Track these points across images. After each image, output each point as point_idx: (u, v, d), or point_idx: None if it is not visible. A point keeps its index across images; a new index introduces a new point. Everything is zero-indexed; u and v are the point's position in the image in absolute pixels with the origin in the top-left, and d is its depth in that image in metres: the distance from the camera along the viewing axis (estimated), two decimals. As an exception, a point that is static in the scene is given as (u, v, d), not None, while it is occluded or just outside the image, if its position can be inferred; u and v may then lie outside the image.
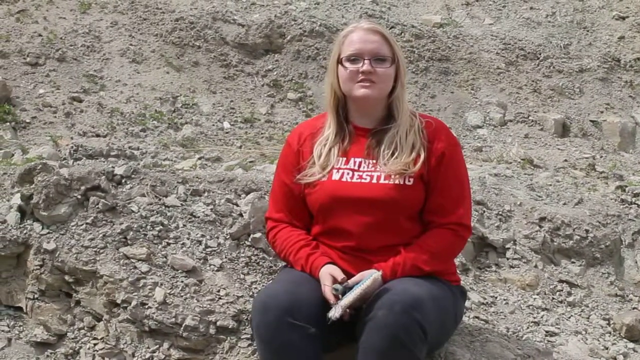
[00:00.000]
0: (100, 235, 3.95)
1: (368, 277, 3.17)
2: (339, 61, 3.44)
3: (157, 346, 3.69)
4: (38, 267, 3.94)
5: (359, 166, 3.40)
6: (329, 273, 3.26)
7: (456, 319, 3.49)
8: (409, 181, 3.33)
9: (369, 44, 3.40)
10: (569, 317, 4.31)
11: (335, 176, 3.39)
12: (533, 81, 8.92)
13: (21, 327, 3.96)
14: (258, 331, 3.17)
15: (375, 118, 3.47)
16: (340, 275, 3.22)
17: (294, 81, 8.18)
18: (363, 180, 3.36)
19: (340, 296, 3.16)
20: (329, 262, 3.33)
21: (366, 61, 3.37)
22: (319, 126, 3.53)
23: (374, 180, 3.34)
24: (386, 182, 3.33)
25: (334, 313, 3.11)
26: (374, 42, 3.41)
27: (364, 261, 3.32)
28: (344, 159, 3.43)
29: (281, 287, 3.25)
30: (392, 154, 3.35)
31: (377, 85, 3.38)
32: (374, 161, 3.39)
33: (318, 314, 3.14)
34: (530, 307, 4.29)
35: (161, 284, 3.77)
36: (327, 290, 3.21)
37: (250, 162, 5.98)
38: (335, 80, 3.46)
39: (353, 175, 3.39)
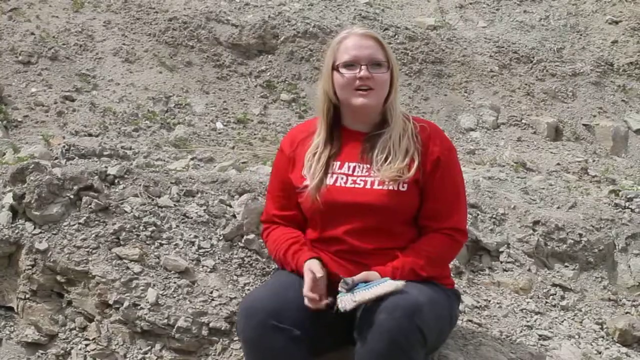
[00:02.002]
0: (93, 235, 3.94)
1: (385, 283, 3.11)
2: (334, 68, 3.42)
3: (149, 347, 3.68)
4: (30, 267, 3.92)
5: (353, 171, 3.40)
6: (308, 269, 3.23)
7: (452, 323, 3.48)
8: (403, 187, 3.33)
9: (364, 50, 3.38)
10: (562, 321, 4.31)
11: (329, 181, 3.38)
12: (526, 84, 8.92)
13: (12, 327, 3.95)
14: (243, 335, 3.16)
15: (370, 123, 3.47)
16: (318, 272, 3.20)
17: (287, 82, 8.15)
18: (357, 185, 3.35)
19: (345, 290, 3.13)
20: (314, 257, 3.31)
21: (363, 67, 3.35)
22: (312, 130, 3.52)
23: (368, 186, 3.34)
24: (380, 187, 3.32)
25: (345, 305, 3.09)
26: (370, 48, 3.40)
27: (358, 265, 3.30)
28: (338, 163, 3.42)
29: (267, 290, 3.25)
30: (386, 160, 3.34)
31: (374, 92, 3.37)
32: (368, 166, 3.38)
33: (304, 318, 3.13)
34: (524, 310, 4.29)
35: (154, 285, 3.76)
36: (307, 287, 3.19)
37: (243, 163, 5.96)
38: (329, 87, 3.45)
39: (347, 180, 3.38)
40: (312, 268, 3.22)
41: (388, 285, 3.11)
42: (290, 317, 3.11)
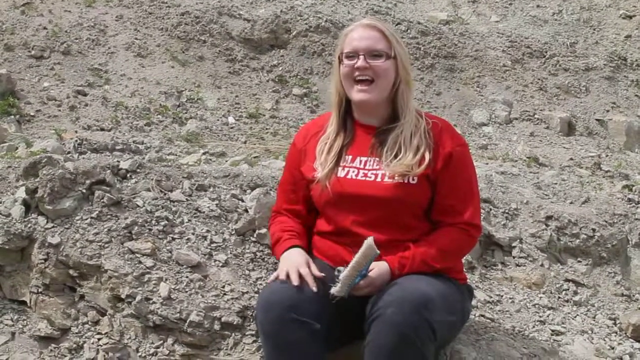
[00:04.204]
0: (105, 229, 3.93)
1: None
2: (340, 59, 3.44)
3: (162, 341, 3.67)
4: (42, 261, 3.92)
5: (365, 164, 3.40)
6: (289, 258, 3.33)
7: (463, 318, 3.47)
8: (413, 180, 3.32)
9: (364, 41, 3.39)
10: (575, 317, 4.29)
11: (341, 173, 3.39)
12: (539, 79, 8.90)
13: (25, 321, 3.95)
14: (262, 327, 3.16)
15: (380, 116, 3.46)
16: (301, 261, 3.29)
17: (299, 77, 8.16)
18: (368, 179, 3.36)
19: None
20: (297, 246, 3.39)
21: (361, 57, 3.37)
22: (324, 124, 3.54)
23: (379, 179, 3.34)
24: (390, 180, 3.32)
25: (336, 290, 3.12)
26: (370, 38, 3.40)
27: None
28: (350, 156, 3.43)
29: (285, 283, 3.24)
30: (395, 156, 3.34)
31: (375, 85, 3.37)
32: (378, 159, 3.38)
33: (322, 311, 3.13)
34: (536, 306, 4.27)
35: (166, 279, 3.75)
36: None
37: (255, 157, 5.96)
38: (337, 79, 3.47)
39: (358, 172, 3.38)
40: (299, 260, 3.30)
41: (362, 248, 3.14)
42: (309, 310, 3.11)
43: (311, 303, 3.12)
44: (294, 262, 3.28)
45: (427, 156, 3.33)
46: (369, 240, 3.14)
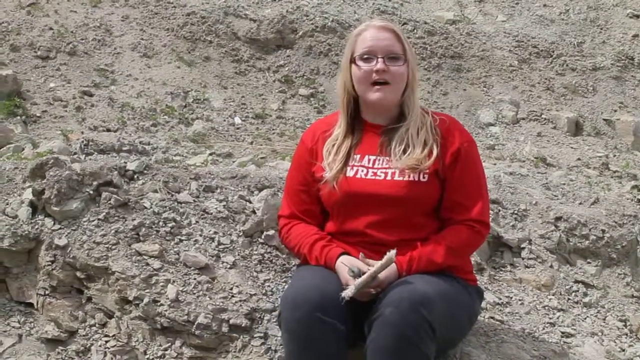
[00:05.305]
0: (112, 231, 3.92)
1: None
2: (352, 60, 3.42)
3: (169, 344, 3.66)
4: (49, 263, 3.91)
5: (373, 163, 3.40)
6: (344, 263, 3.25)
7: (470, 319, 3.45)
8: (424, 177, 3.32)
9: (381, 42, 3.39)
10: (585, 318, 4.27)
11: (350, 173, 3.39)
12: (546, 79, 8.87)
13: (32, 324, 3.93)
14: (288, 326, 3.15)
15: (389, 116, 3.47)
16: (356, 264, 3.21)
17: (305, 77, 8.14)
18: (377, 177, 3.36)
19: (355, 278, 3.14)
20: (344, 252, 3.32)
21: (380, 59, 3.36)
22: (333, 124, 3.53)
23: (388, 177, 3.34)
24: (400, 178, 3.32)
25: (347, 293, 3.11)
26: (387, 40, 3.40)
27: (380, 255, 3.27)
28: (358, 155, 3.43)
29: (311, 283, 3.22)
30: (404, 151, 3.35)
31: (391, 87, 3.38)
32: (388, 158, 3.38)
33: (346, 311, 3.12)
34: (546, 307, 4.25)
35: (173, 281, 3.74)
36: (344, 279, 3.21)
37: (262, 158, 5.95)
38: (348, 80, 3.46)
39: (367, 172, 3.38)
40: (351, 263, 3.23)
41: (380, 262, 3.12)
42: (334, 311, 3.10)
43: (336, 303, 3.11)
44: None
45: (435, 150, 3.34)
46: (391, 255, 3.13)
